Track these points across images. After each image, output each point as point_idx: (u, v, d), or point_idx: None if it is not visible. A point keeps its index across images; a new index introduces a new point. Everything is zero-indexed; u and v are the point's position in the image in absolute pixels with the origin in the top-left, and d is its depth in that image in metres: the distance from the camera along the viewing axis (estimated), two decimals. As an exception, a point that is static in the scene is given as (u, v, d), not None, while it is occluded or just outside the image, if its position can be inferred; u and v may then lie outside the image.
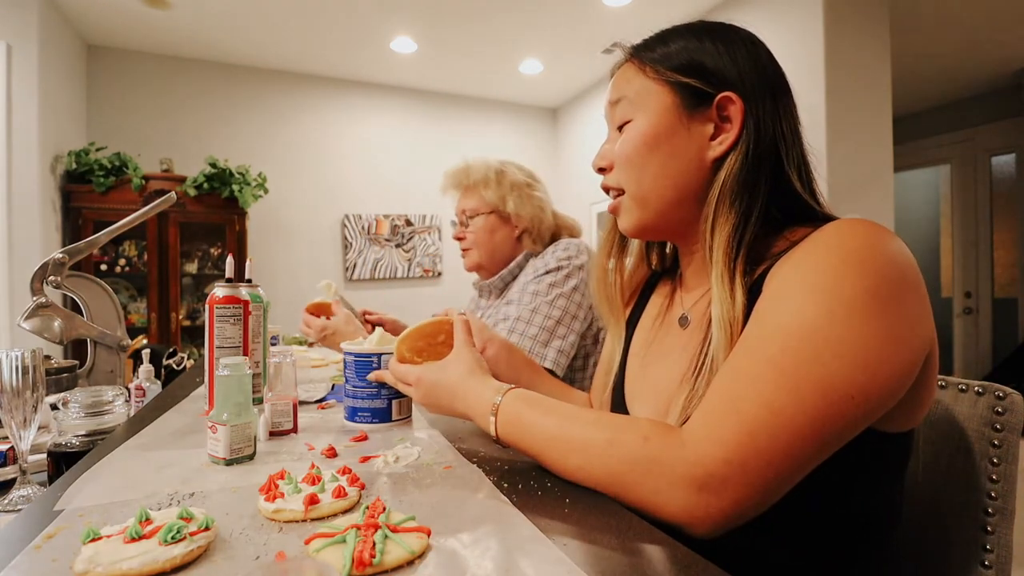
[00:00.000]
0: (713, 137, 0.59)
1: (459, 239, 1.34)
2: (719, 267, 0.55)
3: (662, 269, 0.77)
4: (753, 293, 0.53)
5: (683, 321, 0.66)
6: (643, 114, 0.61)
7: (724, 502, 0.43)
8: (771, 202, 0.57)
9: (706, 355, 0.55)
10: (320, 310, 1.32)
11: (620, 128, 0.64)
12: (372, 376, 0.75)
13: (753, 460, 0.43)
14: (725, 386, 0.47)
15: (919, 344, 0.46)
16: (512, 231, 1.30)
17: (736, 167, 0.57)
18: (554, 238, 1.33)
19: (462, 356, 0.67)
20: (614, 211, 0.68)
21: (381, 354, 0.77)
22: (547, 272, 1.18)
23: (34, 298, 1.14)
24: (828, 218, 0.57)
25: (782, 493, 0.45)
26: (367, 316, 1.42)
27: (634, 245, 0.76)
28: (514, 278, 1.31)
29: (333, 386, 1.02)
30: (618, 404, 0.71)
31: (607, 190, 0.68)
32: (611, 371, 0.74)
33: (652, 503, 0.46)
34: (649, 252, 0.77)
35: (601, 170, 0.68)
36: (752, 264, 0.55)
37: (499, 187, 1.27)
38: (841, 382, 0.43)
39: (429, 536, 0.41)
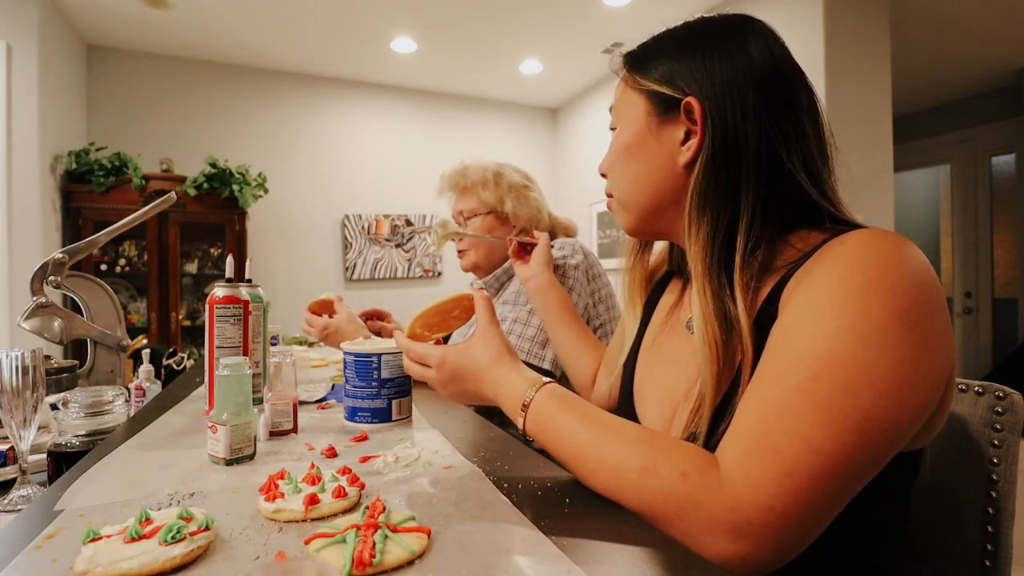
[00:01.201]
0: (684, 143, 0.58)
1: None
2: (699, 280, 0.54)
3: (678, 268, 0.76)
4: (767, 307, 0.51)
5: (690, 325, 0.64)
6: (622, 122, 0.63)
7: (763, 550, 0.41)
8: (768, 205, 0.54)
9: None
10: (323, 308, 1.32)
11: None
12: (401, 345, 0.69)
13: (793, 505, 0.41)
14: (757, 418, 0.44)
15: (945, 366, 0.45)
16: (510, 231, 1.31)
17: (701, 172, 0.55)
18: (550, 237, 1.33)
19: (489, 339, 0.62)
20: (610, 210, 0.70)
21: (381, 354, 0.77)
22: None
23: (34, 298, 1.14)
24: (842, 221, 0.55)
25: (819, 534, 0.43)
26: (369, 321, 1.42)
27: (657, 243, 0.76)
28: (510, 278, 1.31)
29: (333, 386, 1.02)
30: (626, 403, 0.70)
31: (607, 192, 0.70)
32: (623, 352, 0.74)
33: (684, 542, 0.43)
34: (672, 249, 0.76)
35: (604, 175, 0.70)
36: (758, 275, 0.53)
37: (497, 188, 1.29)
38: (875, 413, 0.41)
39: (429, 536, 0.41)
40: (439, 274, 4.35)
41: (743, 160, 0.54)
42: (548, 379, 0.58)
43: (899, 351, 0.42)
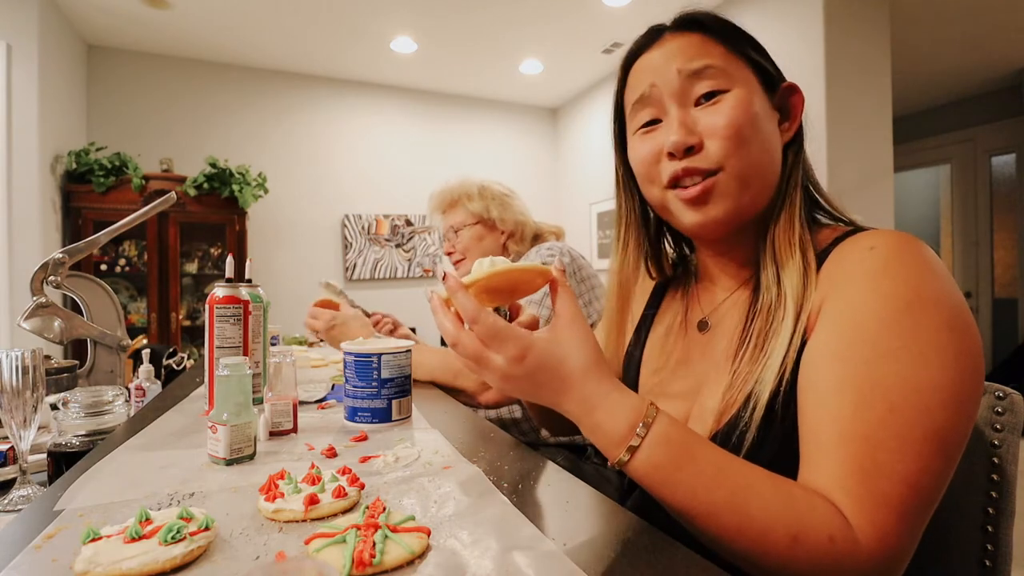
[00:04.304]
0: (780, 123, 0.59)
1: (449, 253, 1.42)
2: (802, 251, 0.54)
3: (665, 279, 0.74)
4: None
5: (703, 326, 0.64)
6: (740, 87, 0.55)
7: None
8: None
9: (745, 353, 0.54)
10: (328, 307, 1.32)
11: (705, 98, 0.55)
12: (466, 310, 0.49)
13: (908, 543, 0.43)
14: (853, 461, 0.44)
15: (982, 363, 0.46)
16: (498, 237, 1.39)
17: (800, 156, 0.59)
18: (536, 239, 1.42)
19: (585, 344, 0.49)
20: (705, 196, 0.55)
21: (381, 354, 0.77)
22: None
23: (34, 298, 1.14)
24: (844, 219, 0.59)
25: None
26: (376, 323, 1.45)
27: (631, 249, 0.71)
28: None
29: (333, 386, 1.02)
30: None
31: (693, 173, 0.55)
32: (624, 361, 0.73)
33: None
34: (647, 261, 0.70)
35: (688, 149, 0.55)
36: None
37: (481, 198, 1.38)
38: (949, 429, 0.43)
39: (429, 536, 0.41)
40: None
41: (803, 148, 0.60)
42: (653, 404, 0.48)
43: (956, 363, 0.44)
